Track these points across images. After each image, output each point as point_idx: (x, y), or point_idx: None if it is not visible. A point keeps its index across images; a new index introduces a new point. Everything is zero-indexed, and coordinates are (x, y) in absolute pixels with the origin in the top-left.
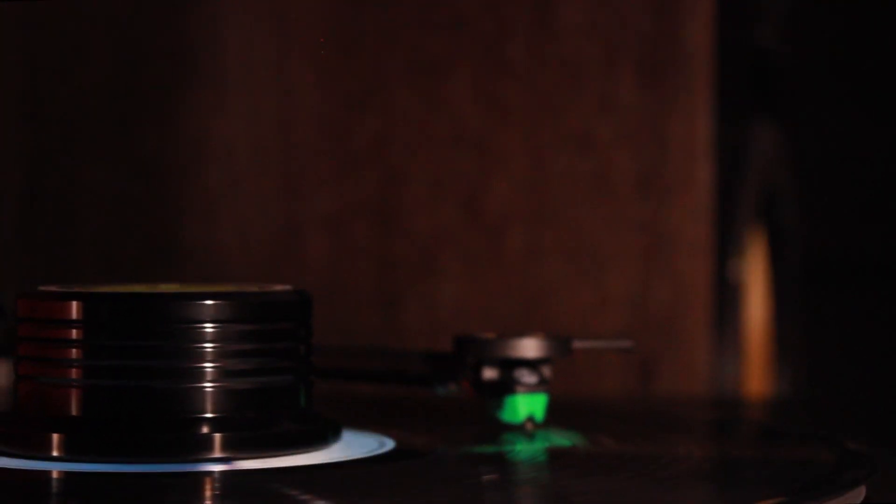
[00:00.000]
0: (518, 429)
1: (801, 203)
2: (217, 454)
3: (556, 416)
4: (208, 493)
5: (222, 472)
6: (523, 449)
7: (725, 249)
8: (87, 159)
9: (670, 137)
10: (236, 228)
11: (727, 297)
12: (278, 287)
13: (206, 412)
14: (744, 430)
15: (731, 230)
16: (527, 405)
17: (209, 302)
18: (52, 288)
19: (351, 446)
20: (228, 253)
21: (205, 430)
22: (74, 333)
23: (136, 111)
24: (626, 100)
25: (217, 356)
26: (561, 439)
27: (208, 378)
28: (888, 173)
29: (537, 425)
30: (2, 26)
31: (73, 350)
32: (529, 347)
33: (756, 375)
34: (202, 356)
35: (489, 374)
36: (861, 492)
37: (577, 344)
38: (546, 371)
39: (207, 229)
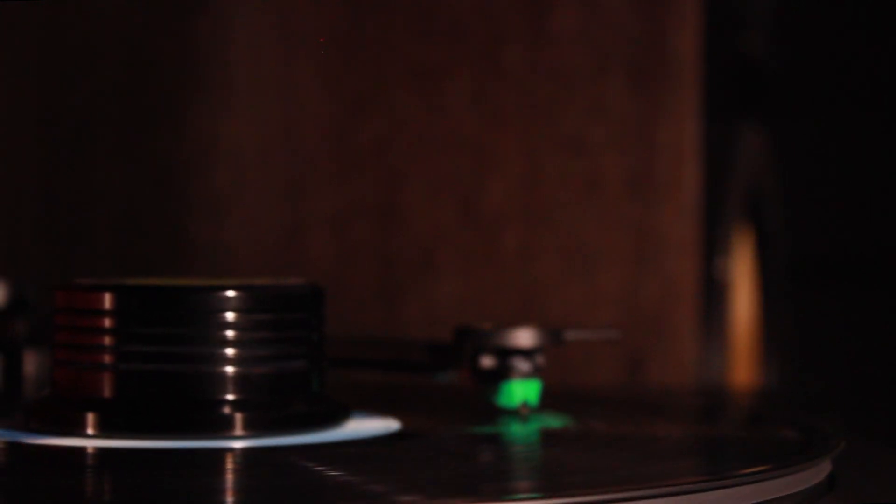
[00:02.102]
0: (513, 413)
1: (786, 203)
2: (237, 432)
3: (549, 401)
4: (230, 467)
5: (242, 449)
6: (518, 430)
7: (712, 248)
8: (101, 160)
9: (659, 140)
10: (243, 226)
11: (714, 294)
12: (293, 280)
13: (227, 394)
14: (724, 414)
15: (717, 230)
16: (521, 391)
17: (231, 293)
18: (87, 281)
19: (359, 427)
20: (235, 250)
21: (226, 410)
22: (108, 322)
23: (146, 114)
24: (616, 104)
25: (238, 343)
26: (553, 421)
27: (230, 363)
28: (870, 174)
29: (531, 409)
30: (19, 35)
31: (107, 337)
32: (524, 337)
33: (742, 369)
34: (224, 343)
35: (486, 362)
36: (827, 465)
37: (568, 334)
38: (539, 359)
39: (215, 227)
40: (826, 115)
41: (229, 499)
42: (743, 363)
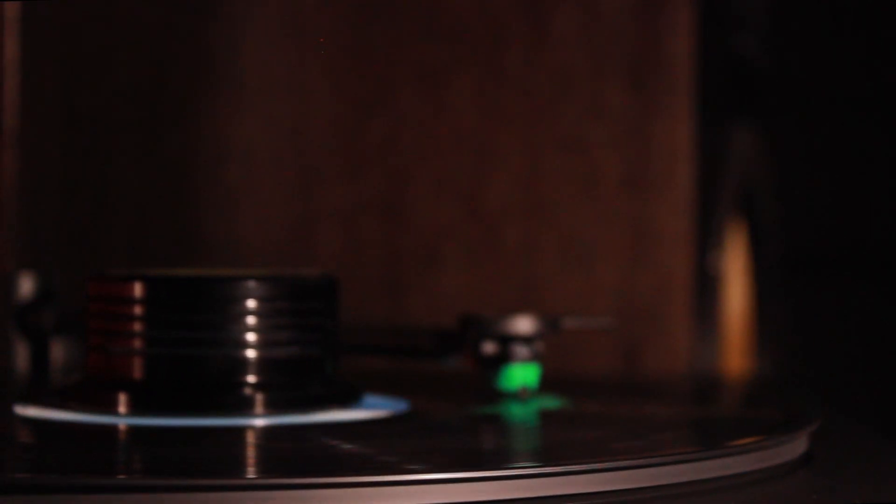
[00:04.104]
0: (513, 395)
1: (778, 199)
2: (258, 411)
3: (548, 385)
4: (251, 441)
5: (263, 426)
6: (518, 410)
7: (705, 242)
8: (118, 157)
9: (655, 139)
10: (254, 222)
11: (707, 287)
12: (309, 271)
13: (249, 376)
14: (711, 396)
15: (710, 225)
16: (521, 375)
17: (253, 283)
18: (119, 271)
19: (371, 407)
20: (247, 245)
21: (248, 391)
22: (138, 310)
23: (161, 113)
24: (613, 104)
25: (259, 330)
26: (551, 402)
27: (252, 348)
28: (860, 171)
29: (530, 392)
30: (40, 37)
31: (137, 324)
32: (524, 324)
33: (734, 359)
34: (247, 329)
35: (489, 348)
36: (803, 442)
37: (566, 322)
38: (538, 345)
39: (227, 223)
40: (817, 114)
41: (251, 467)
42: (735, 353)
